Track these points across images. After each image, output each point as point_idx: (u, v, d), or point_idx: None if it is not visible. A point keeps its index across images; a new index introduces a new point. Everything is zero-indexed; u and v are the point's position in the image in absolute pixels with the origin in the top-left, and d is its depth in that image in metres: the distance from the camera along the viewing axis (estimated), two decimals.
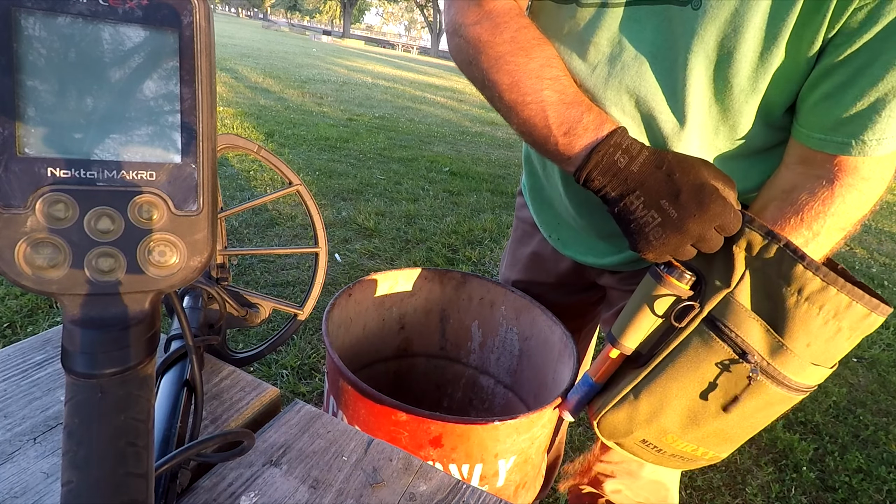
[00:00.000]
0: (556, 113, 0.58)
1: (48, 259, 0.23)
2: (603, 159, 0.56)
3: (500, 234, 3.16)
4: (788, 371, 0.54)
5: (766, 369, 0.54)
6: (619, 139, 0.56)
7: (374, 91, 8.95)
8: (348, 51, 21.75)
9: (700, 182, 0.54)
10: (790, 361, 0.53)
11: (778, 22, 0.51)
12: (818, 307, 0.51)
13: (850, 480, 1.65)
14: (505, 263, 1.02)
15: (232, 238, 2.59)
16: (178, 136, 0.25)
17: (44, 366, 0.53)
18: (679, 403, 0.59)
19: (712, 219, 0.53)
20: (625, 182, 0.56)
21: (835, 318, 0.51)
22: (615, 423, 0.63)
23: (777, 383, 0.54)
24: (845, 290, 0.50)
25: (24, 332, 1.69)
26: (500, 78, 0.60)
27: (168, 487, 0.39)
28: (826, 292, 0.51)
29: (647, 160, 0.55)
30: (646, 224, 0.55)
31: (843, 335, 0.52)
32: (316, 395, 1.67)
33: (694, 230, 0.54)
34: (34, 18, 0.22)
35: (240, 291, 0.62)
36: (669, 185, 0.54)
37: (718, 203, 0.53)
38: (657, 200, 0.55)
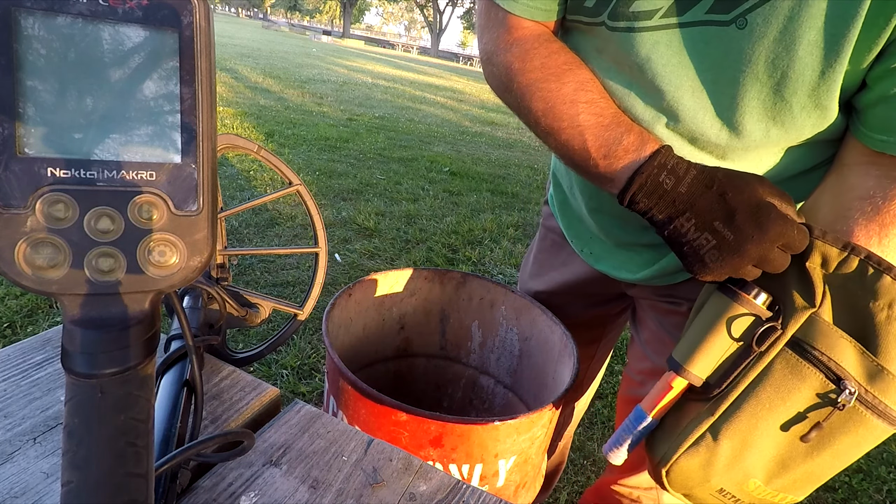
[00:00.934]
0: (593, 136, 0.56)
1: (48, 259, 0.23)
2: (647, 181, 0.53)
3: (500, 234, 3.16)
4: (890, 399, 0.47)
5: (865, 397, 0.48)
6: (663, 159, 0.53)
7: (374, 91, 8.95)
8: (348, 51, 21.75)
9: (756, 201, 0.50)
10: (892, 387, 0.47)
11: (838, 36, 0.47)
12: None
13: (850, 480, 1.65)
14: (528, 272, 0.97)
15: (232, 238, 2.59)
16: (178, 136, 0.25)
17: (44, 366, 0.53)
18: (767, 443, 0.52)
19: (774, 239, 0.49)
20: (672, 204, 0.53)
21: None
22: (689, 472, 0.55)
23: (878, 414, 0.48)
24: None
25: (24, 332, 1.69)
26: (534, 105, 0.59)
27: (168, 487, 0.39)
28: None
29: (695, 180, 0.52)
30: (700, 247, 0.52)
31: None
32: (316, 395, 1.67)
33: (754, 252, 0.50)
34: (34, 18, 0.22)
35: (240, 291, 0.62)
36: (723, 206, 0.51)
37: (778, 222, 0.49)
38: (710, 222, 0.51)
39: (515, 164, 5.07)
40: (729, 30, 0.51)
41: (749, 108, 0.54)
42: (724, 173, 0.53)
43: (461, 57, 41.66)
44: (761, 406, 0.51)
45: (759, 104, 0.53)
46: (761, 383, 0.52)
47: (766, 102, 0.53)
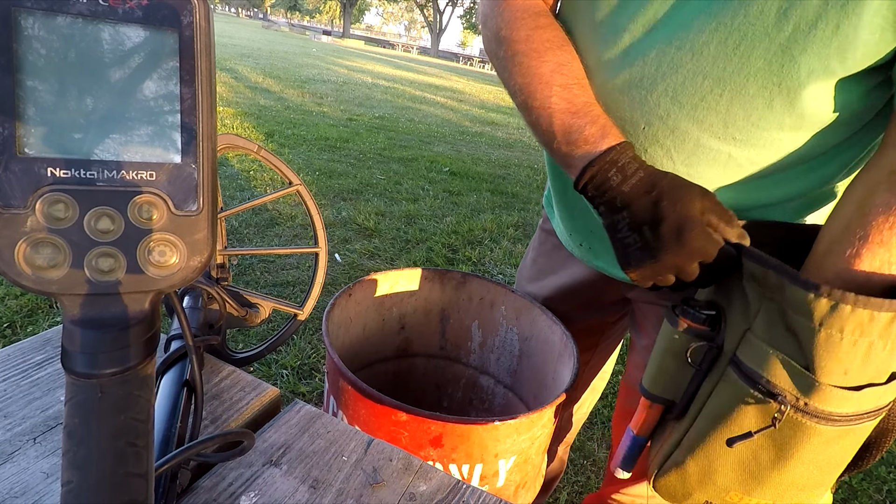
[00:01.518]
0: (560, 121, 0.58)
1: (48, 259, 0.23)
2: (597, 175, 0.55)
3: (500, 234, 3.16)
4: (831, 406, 0.47)
5: (805, 409, 0.48)
6: (616, 156, 0.55)
7: (374, 91, 8.95)
8: (348, 51, 21.75)
9: (685, 215, 0.51)
10: (829, 395, 0.47)
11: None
12: (839, 331, 0.45)
13: (850, 480, 1.65)
14: (527, 276, 0.96)
15: (232, 238, 2.59)
16: (178, 136, 0.25)
17: (44, 366, 0.53)
18: (729, 458, 0.53)
19: (691, 254, 0.51)
20: (613, 200, 0.55)
21: (862, 335, 0.45)
22: (670, 487, 0.58)
23: (823, 420, 0.48)
24: (860, 303, 0.44)
25: (24, 332, 1.69)
26: (514, 77, 0.60)
27: (168, 487, 0.39)
28: (840, 312, 0.45)
29: (639, 182, 0.54)
30: (628, 245, 0.55)
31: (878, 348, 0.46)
32: (316, 395, 1.67)
33: (669, 262, 0.52)
34: (34, 18, 0.22)
35: (240, 291, 0.62)
36: (654, 213, 0.52)
37: (699, 239, 0.51)
38: (640, 225, 0.53)
39: (515, 164, 5.07)
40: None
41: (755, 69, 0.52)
42: (668, 181, 0.53)
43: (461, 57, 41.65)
44: (714, 424, 0.53)
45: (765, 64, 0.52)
46: (712, 403, 0.53)
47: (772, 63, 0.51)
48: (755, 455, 0.52)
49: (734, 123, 0.56)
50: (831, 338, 0.46)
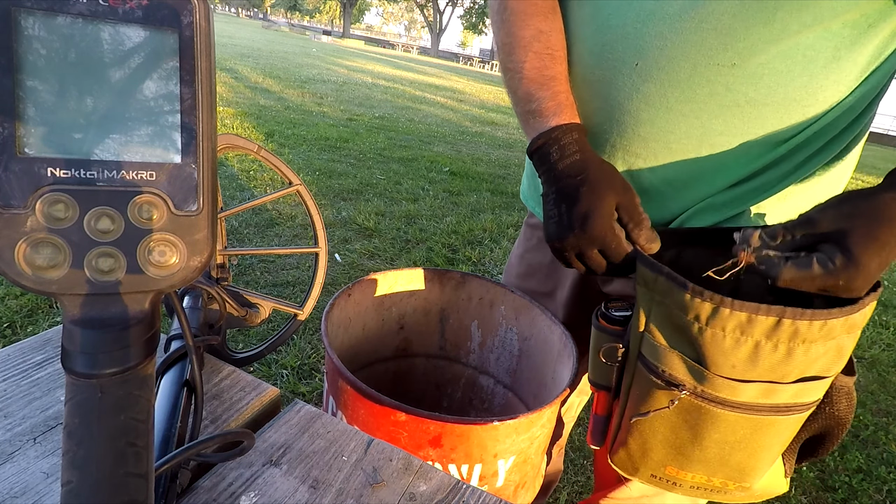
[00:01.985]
0: (526, 89, 0.62)
1: (48, 259, 0.23)
2: (541, 148, 0.60)
3: (500, 234, 3.16)
4: (724, 393, 0.52)
5: (703, 394, 0.53)
6: (559, 134, 0.59)
7: (374, 91, 8.95)
8: (348, 51, 21.74)
9: (596, 204, 0.55)
10: (720, 384, 0.52)
11: None
12: (721, 330, 0.49)
13: (850, 480, 1.65)
14: (515, 273, 0.97)
15: (232, 238, 2.59)
16: (178, 136, 0.25)
17: (44, 366, 0.53)
18: (657, 438, 0.59)
19: (591, 241, 0.55)
20: (548, 175, 0.60)
21: (743, 335, 0.49)
22: (621, 462, 0.64)
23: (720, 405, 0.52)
24: (736, 306, 0.48)
25: (24, 332, 1.69)
26: (499, 35, 0.65)
27: (168, 487, 0.39)
28: (720, 314, 0.48)
29: (572, 163, 0.58)
30: (549, 217, 0.59)
31: (766, 349, 0.49)
32: (316, 395, 1.67)
33: (572, 244, 0.57)
34: (34, 18, 0.22)
35: (240, 291, 0.62)
36: (573, 196, 0.56)
37: (600, 229, 0.55)
38: (560, 203, 0.58)
39: (515, 164, 5.07)
40: None
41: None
42: (597, 171, 0.57)
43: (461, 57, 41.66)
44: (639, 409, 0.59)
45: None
46: (633, 390, 0.59)
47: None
48: (676, 434, 0.57)
49: (734, 45, 0.54)
50: (716, 335, 0.50)
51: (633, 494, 0.85)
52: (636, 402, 0.59)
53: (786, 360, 0.49)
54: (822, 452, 0.60)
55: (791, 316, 0.47)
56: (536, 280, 0.93)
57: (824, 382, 0.52)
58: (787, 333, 0.48)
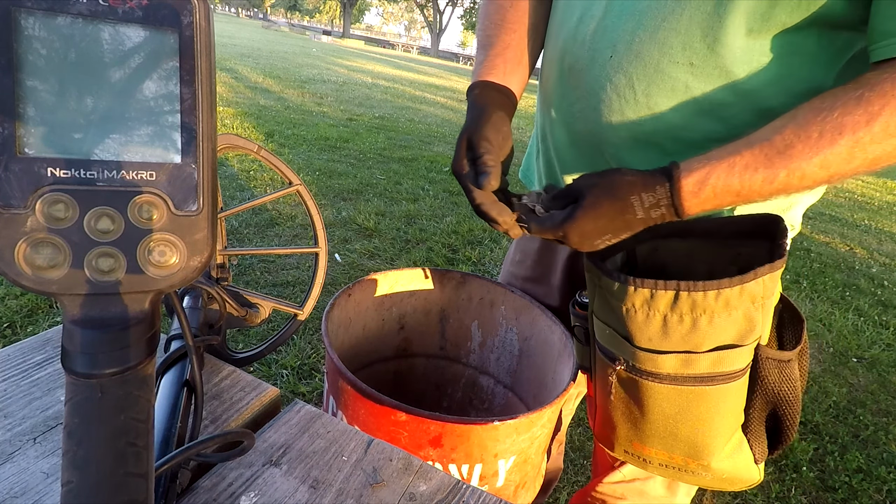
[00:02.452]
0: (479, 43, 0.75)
1: (48, 259, 0.23)
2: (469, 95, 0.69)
3: (499, 234, 3.16)
4: (648, 366, 0.57)
5: (634, 368, 0.58)
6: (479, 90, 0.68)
7: (374, 91, 8.95)
8: (348, 51, 21.75)
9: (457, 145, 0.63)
10: (644, 357, 0.57)
11: None
12: (632, 305, 0.55)
13: (850, 480, 1.65)
14: (510, 259, 1.00)
15: (232, 238, 2.59)
16: (178, 136, 0.25)
17: (44, 366, 0.53)
18: (617, 414, 0.64)
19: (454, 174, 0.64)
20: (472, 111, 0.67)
21: (651, 309, 0.54)
22: (602, 437, 0.69)
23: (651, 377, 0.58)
24: (637, 283, 0.53)
25: (24, 332, 1.69)
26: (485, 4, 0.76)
27: (168, 487, 0.39)
28: (626, 290, 0.54)
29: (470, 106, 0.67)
30: None
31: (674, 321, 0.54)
32: (316, 395, 1.67)
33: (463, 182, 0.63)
34: (34, 18, 0.22)
35: (240, 291, 0.62)
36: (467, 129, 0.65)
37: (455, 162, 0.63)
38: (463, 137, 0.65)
39: (515, 164, 5.04)
40: None
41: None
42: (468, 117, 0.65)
43: (461, 57, 41.63)
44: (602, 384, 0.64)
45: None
46: (596, 370, 0.66)
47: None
48: (628, 409, 0.63)
49: (691, 45, 0.58)
50: (630, 312, 0.55)
51: (625, 478, 0.87)
52: (600, 381, 0.65)
53: (692, 331, 0.54)
54: (785, 438, 0.63)
55: (685, 288, 0.52)
56: (528, 266, 0.95)
57: (742, 351, 0.55)
58: (688, 305, 0.53)
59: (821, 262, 3.66)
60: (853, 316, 2.85)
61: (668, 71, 0.60)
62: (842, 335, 2.59)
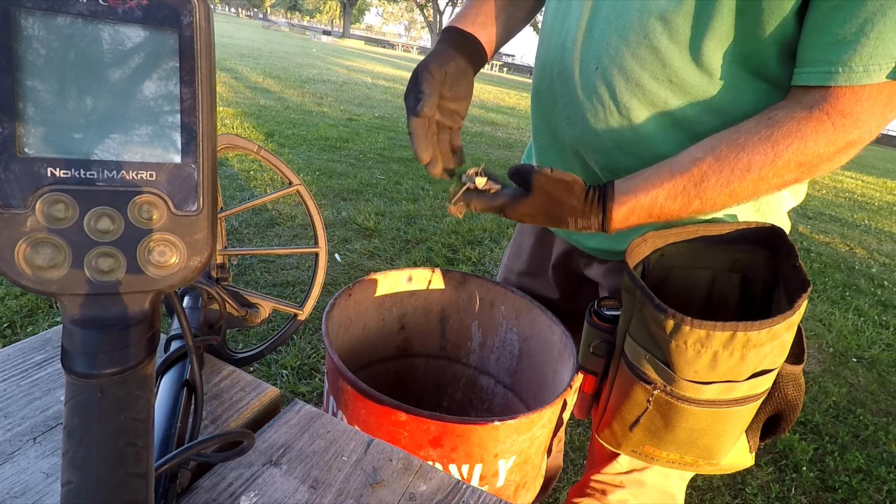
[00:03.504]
0: None
1: (48, 259, 0.23)
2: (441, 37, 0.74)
3: (500, 234, 3.16)
4: (689, 393, 0.58)
5: (672, 392, 0.59)
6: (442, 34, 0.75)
7: (374, 91, 8.95)
8: (348, 51, 21.75)
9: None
10: (685, 386, 0.58)
11: None
12: (683, 342, 0.55)
13: (850, 480, 1.65)
14: (507, 254, 1.03)
15: (232, 238, 2.59)
16: (178, 136, 0.25)
17: (44, 366, 0.53)
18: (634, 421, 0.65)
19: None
20: None
21: (703, 347, 0.55)
22: (606, 438, 0.71)
23: (688, 402, 0.59)
24: (695, 324, 0.54)
25: (24, 332, 1.69)
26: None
27: (168, 487, 0.39)
28: (682, 330, 0.54)
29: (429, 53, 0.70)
30: None
31: (723, 356, 0.55)
32: (316, 395, 1.67)
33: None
34: (34, 18, 0.22)
35: (240, 291, 0.62)
36: None
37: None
38: None
39: (515, 164, 5.07)
40: None
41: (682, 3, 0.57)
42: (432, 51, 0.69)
43: None
44: (622, 395, 0.66)
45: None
46: (616, 381, 0.66)
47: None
48: (652, 421, 0.64)
49: (671, 64, 0.61)
50: (679, 347, 0.56)
51: (622, 469, 0.89)
52: (619, 392, 0.66)
53: (740, 363, 0.56)
54: (780, 431, 0.68)
55: (743, 329, 0.53)
56: (524, 260, 0.97)
57: (773, 373, 0.59)
58: (741, 342, 0.54)
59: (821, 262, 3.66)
60: (853, 316, 2.85)
61: (649, 87, 0.63)
62: (842, 335, 2.59)
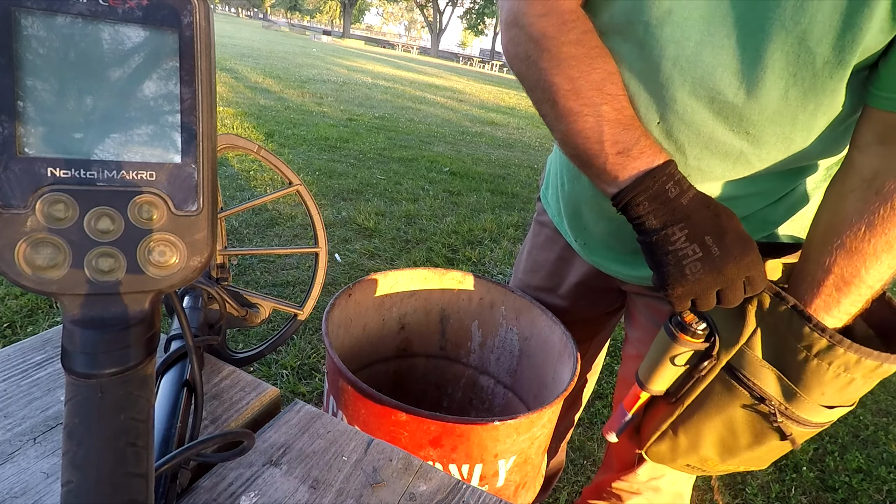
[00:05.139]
0: (612, 131, 0.56)
1: (48, 259, 0.23)
2: (654, 185, 0.55)
3: (500, 234, 3.16)
4: (804, 413, 0.57)
5: (785, 412, 0.58)
6: (673, 170, 0.56)
7: (374, 91, 8.95)
8: (348, 51, 21.74)
9: (742, 230, 0.55)
10: (806, 405, 0.56)
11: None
12: (827, 363, 0.53)
13: (850, 480, 1.65)
14: (523, 269, 0.98)
15: (232, 238, 2.59)
16: (178, 136, 0.25)
17: (44, 366, 0.53)
18: (713, 439, 0.64)
19: (749, 266, 0.54)
20: (672, 212, 0.55)
21: (846, 371, 0.53)
22: (660, 453, 0.70)
23: (795, 422, 0.58)
24: (852, 349, 0.51)
25: (24, 332, 1.69)
26: (559, 81, 0.57)
27: (168, 487, 0.39)
28: (834, 352, 0.52)
29: (696, 196, 0.55)
30: (685, 256, 0.54)
31: (858, 383, 0.54)
32: (316, 395, 1.67)
33: (731, 273, 0.54)
34: (34, 18, 0.22)
35: (240, 291, 0.62)
36: (716, 225, 0.54)
37: (756, 254, 0.54)
38: (702, 236, 0.54)
39: (515, 164, 5.07)
40: None
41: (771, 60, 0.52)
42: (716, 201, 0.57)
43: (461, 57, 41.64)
44: (706, 412, 0.63)
45: (782, 56, 0.52)
46: (707, 397, 0.63)
47: (789, 54, 0.52)
48: (736, 437, 0.62)
49: (748, 118, 0.56)
50: (820, 367, 0.54)
51: (642, 479, 0.89)
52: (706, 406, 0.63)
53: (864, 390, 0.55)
54: None
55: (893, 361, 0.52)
56: (540, 276, 0.95)
57: None
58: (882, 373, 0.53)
59: None
60: None
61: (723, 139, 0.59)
62: None
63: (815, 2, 0.49)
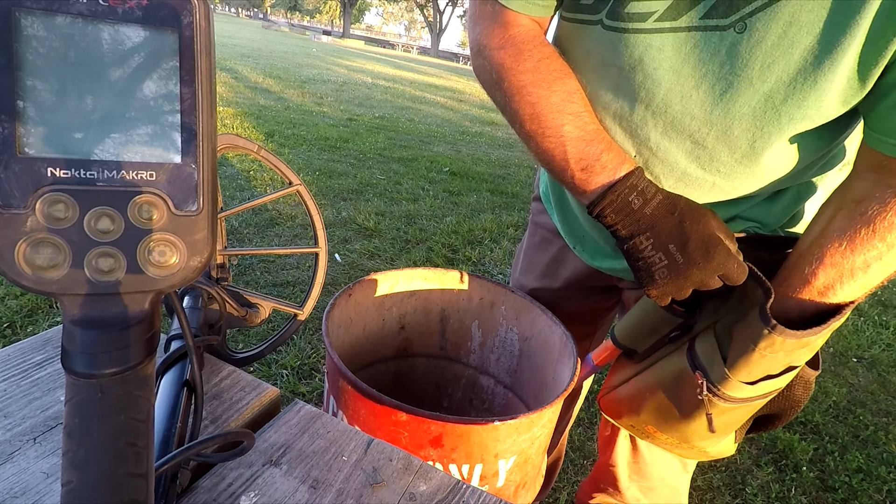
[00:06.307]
0: (575, 149, 0.59)
1: (48, 259, 0.23)
2: (617, 199, 0.57)
3: (500, 235, 3.16)
4: (731, 391, 0.59)
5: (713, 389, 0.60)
6: (635, 181, 0.57)
7: (374, 91, 8.95)
8: (348, 51, 21.75)
9: (708, 233, 0.56)
10: (734, 386, 0.59)
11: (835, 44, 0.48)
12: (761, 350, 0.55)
13: (850, 480, 1.65)
14: (519, 269, 1.00)
15: (232, 238, 2.59)
16: (178, 136, 0.25)
17: (44, 366, 0.53)
18: (651, 404, 0.67)
19: (716, 269, 0.56)
20: (637, 223, 0.57)
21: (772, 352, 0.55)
22: (610, 405, 0.73)
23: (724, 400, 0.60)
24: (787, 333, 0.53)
25: (24, 332, 1.69)
26: (521, 108, 0.60)
27: (168, 487, 0.39)
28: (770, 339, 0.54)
29: (660, 204, 0.57)
30: (652, 264, 0.57)
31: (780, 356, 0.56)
32: (316, 395, 1.67)
33: (696, 277, 0.56)
34: (34, 18, 0.22)
35: (240, 291, 0.62)
36: (679, 232, 0.56)
37: (722, 255, 0.55)
38: (666, 244, 0.56)
39: (515, 164, 5.07)
40: (727, 34, 0.52)
41: (739, 114, 0.55)
42: (685, 202, 0.58)
43: (461, 57, 41.63)
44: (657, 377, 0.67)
45: (749, 111, 0.54)
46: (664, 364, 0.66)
47: (756, 110, 0.54)
48: (670, 409, 0.66)
49: (719, 159, 0.59)
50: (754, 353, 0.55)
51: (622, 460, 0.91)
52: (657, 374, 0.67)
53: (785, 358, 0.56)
54: (773, 427, 0.69)
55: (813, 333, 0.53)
56: (535, 276, 0.96)
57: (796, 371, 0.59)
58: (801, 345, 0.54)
59: None
60: (853, 316, 2.85)
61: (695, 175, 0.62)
62: (842, 335, 2.59)
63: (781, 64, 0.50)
